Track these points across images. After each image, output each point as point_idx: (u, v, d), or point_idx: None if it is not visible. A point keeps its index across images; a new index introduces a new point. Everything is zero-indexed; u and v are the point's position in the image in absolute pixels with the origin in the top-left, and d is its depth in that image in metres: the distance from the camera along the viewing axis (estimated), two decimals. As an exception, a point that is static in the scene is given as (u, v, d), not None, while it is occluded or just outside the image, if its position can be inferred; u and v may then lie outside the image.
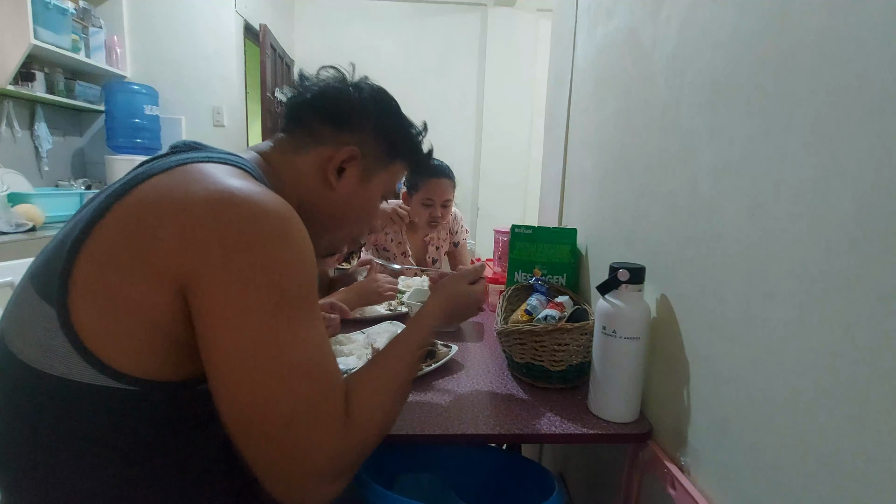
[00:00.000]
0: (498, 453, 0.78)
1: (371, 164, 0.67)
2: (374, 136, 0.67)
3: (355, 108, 0.66)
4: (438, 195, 1.63)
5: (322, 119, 0.65)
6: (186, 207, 0.45)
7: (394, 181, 0.73)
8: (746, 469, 0.48)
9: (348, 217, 0.69)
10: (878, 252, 0.34)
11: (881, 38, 0.34)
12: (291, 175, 0.64)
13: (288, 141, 0.66)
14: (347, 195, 0.67)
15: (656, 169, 0.69)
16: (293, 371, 0.45)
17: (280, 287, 0.45)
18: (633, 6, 0.79)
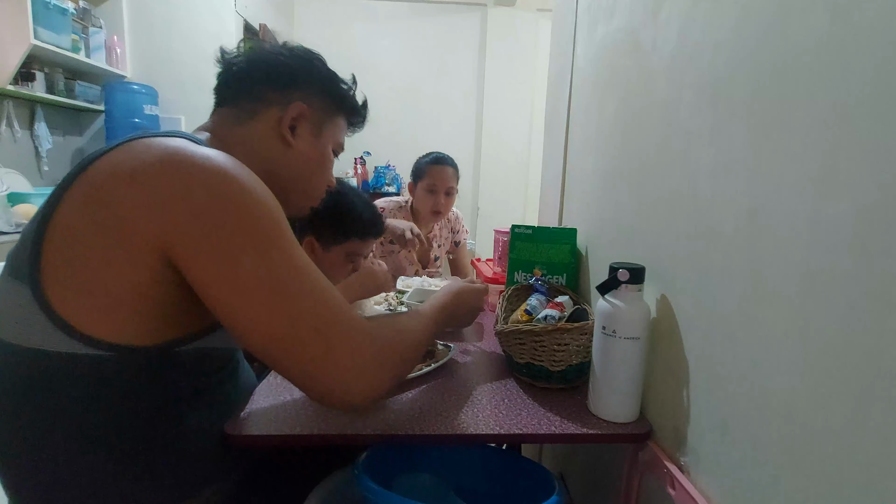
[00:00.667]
0: (498, 453, 0.78)
1: (319, 117, 0.71)
2: (315, 90, 0.70)
3: (291, 67, 0.69)
4: (441, 181, 1.68)
5: (262, 83, 0.67)
6: (142, 172, 0.48)
7: (340, 133, 0.77)
8: (746, 469, 0.48)
9: (310, 173, 0.73)
10: (878, 252, 0.34)
11: (881, 38, 0.34)
12: (243, 146, 0.65)
13: (229, 114, 0.67)
14: (304, 151, 0.70)
15: (656, 169, 0.69)
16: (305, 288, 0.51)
17: (255, 226, 0.49)
18: (633, 6, 0.79)
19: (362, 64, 3.89)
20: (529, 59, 3.82)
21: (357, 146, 3.93)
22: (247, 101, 0.67)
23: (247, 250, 0.48)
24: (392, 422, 0.65)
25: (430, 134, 3.90)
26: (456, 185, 1.75)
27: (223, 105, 0.68)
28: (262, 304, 0.49)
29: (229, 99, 0.68)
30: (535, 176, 2.03)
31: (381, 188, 3.84)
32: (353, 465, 0.61)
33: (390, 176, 3.89)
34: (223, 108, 0.68)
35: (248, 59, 0.69)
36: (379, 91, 3.90)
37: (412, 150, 2.31)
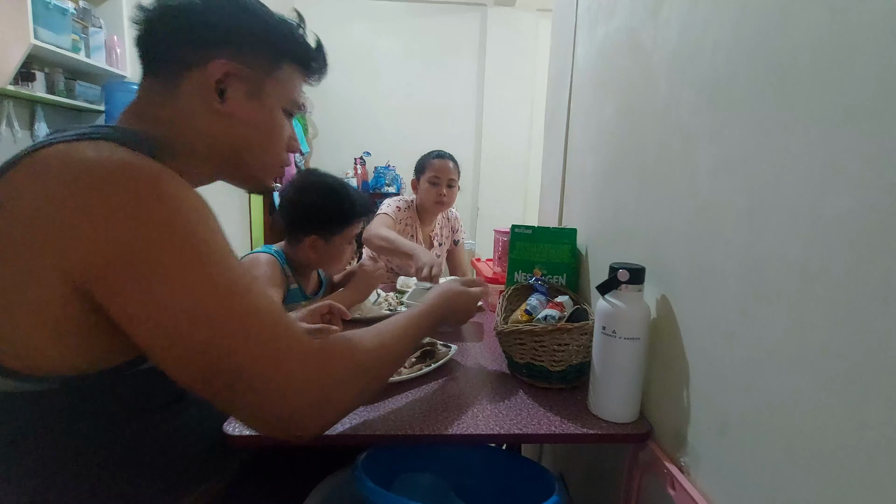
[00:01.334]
0: (497, 453, 0.78)
1: (253, 74, 0.59)
2: (242, 42, 0.58)
3: (209, 18, 0.57)
4: (443, 173, 1.77)
5: (178, 44, 0.56)
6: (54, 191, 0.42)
7: (290, 88, 0.64)
8: (746, 469, 0.48)
9: (256, 140, 0.62)
10: (878, 252, 0.34)
11: (881, 37, 0.34)
12: (169, 119, 0.57)
13: (153, 86, 0.58)
14: (241, 116, 0.59)
15: (656, 169, 0.69)
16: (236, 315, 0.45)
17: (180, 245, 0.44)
18: (633, 6, 0.79)
19: (362, 64, 3.90)
20: (529, 59, 3.82)
21: (357, 146, 3.93)
22: (167, 66, 0.57)
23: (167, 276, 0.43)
24: (392, 422, 0.65)
25: (430, 134, 3.90)
26: (457, 178, 1.82)
27: (147, 74, 0.58)
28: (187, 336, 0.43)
29: (150, 68, 0.58)
30: (535, 176, 2.04)
31: (381, 188, 3.84)
32: (352, 466, 0.61)
33: (390, 176, 3.89)
34: (146, 78, 0.58)
35: (158, 17, 0.57)
36: (379, 91, 3.91)
37: (412, 150, 2.31)
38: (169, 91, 0.57)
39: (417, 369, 0.80)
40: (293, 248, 1.19)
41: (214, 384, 0.45)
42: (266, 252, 1.15)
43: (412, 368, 0.81)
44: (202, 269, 0.44)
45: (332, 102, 3.84)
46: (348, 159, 3.89)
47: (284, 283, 1.14)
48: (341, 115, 3.90)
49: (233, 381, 0.45)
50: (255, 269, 1.09)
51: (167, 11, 0.57)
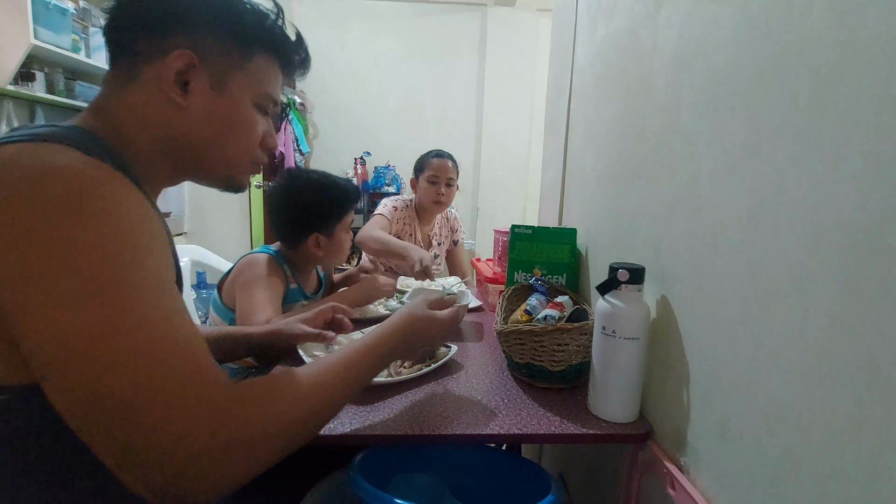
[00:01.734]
0: (494, 453, 0.78)
1: (219, 65, 0.56)
2: (207, 30, 0.55)
3: (170, 4, 0.54)
4: (442, 172, 1.77)
5: (139, 32, 0.53)
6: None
7: (262, 80, 0.60)
8: (746, 469, 0.48)
9: (216, 135, 0.58)
10: (878, 252, 0.34)
11: (881, 37, 0.34)
12: (129, 115, 0.54)
13: (114, 76, 0.55)
14: (203, 111, 0.56)
15: (656, 169, 0.69)
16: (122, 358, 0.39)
17: (83, 270, 0.39)
18: (633, 6, 0.79)
19: (362, 64, 3.90)
20: (529, 60, 3.82)
21: (357, 146, 3.93)
22: (124, 58, 0.54)
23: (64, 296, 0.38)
24: (391, 422, 0.65)
25: (430, 134, 3.90)
26: (456, 178, 1.82)
27: (111, 65, 0.56)
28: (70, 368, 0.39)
29: (113, 57, 0.56)
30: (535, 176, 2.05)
31: (380, 188, 3.84)
32: (348, 467, 0.61)
33: (390, 176, 3.89)
34: (110, 70, 0.56)
35: (122, 3, 0.54)
36: (379, 91, 3.91)
37: (412, 150, 2.31)
38: (128, 83, 0.54)
39: (417, 369, 0.80)
40: (292, 249, 1.19)
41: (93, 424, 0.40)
42: (264, 252, 1.15)
43: (412, 368, 0.80)
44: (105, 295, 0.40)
45: (332, 102, 3.85)
46: (348, 159, 3.89)
47: (284, 283, 1.14)
48: (341, 115, 3.90)
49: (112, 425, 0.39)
50: (253, 269, 1.09)
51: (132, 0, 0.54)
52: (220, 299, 1.14)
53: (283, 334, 0.88)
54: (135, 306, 0.41)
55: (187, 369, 0.42)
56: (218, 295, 1.15)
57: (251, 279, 1.07)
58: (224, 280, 1.15)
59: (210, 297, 1.22)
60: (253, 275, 1.08)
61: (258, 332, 0.90)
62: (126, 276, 0.41)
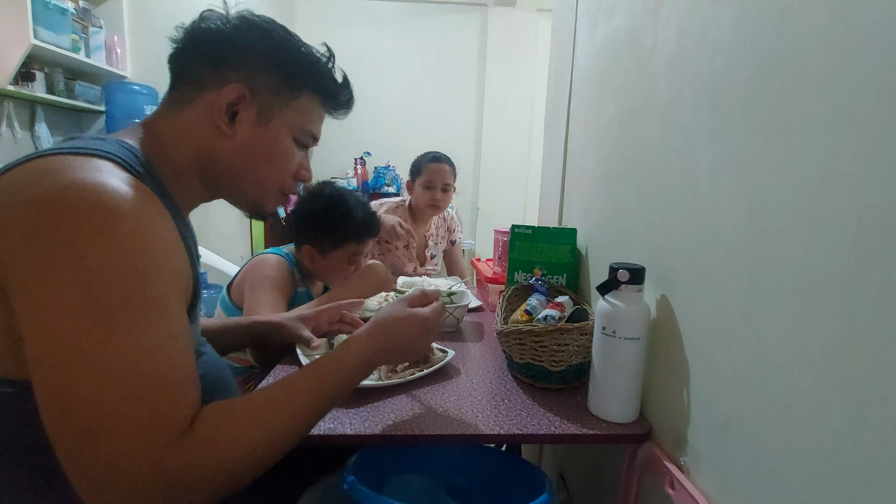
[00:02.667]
0: (490, 453, 0.78)
1: (267, 101, 0.60)
2: (261, 68, 0.59)
3: (232, 42, 0.59)
4: (438, 178, 1.74)
5: (199, 63, 0.58)
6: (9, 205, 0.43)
7: (304, 118, 0.64)
8: (746, 469, 0.48)
9: (253, 164, 0.61)
10: (878, 252, 0.34)
11: (881, 38, 0.34)
12: (176, 135, 0.58)
13: (172, 99, 0.60)
14: (246, 141, 0.60)
15: (656, 169, 0.69)
16: (98, 377, 0.41)
17: (89, 288, 0.41)
18: (633, 6, 0.79)
19: (363, 64, 3.90)
20: (529, 59, 3.82)
21: (357, 146, 3.93)
22: (183, 84, 0.59)
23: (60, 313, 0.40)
24: (391, 422, 0.65)
25: (430, 134, 3.90)
26: (453, 183, 1.79)
27: (170, 88, 0.61)
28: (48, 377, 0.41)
29: (173, 83, 0.60)
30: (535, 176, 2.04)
31: (380, 188, 3.84)
32: (342, 468, 0.61)
33: (390, 176, 3.89)
34: (168, 93, 0.61)
35: (188, 36, 0.59)
36: (379, 91, 3.91)
37: (412, 150, 2.31)
38: (182, 108, 0.59)
39: (410, 374, 0.78)
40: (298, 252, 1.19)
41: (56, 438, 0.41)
42: (276, 254, 1.16)
43: (402, 373, 0.78)
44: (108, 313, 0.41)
45: (332, 102, 3.84)
46: (348, 159, 3.89)
47: (292, 285, 1.15)
48: (341, 115, 3.90)
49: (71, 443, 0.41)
50: (261, 270, 1.09)
51: (198, 33, 0.59)
52: (229, 298, 1.15)
53: (284, 329, 0.89)
54: (126, 331, 0.42)
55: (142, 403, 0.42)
56: (227, 294, 1.17)
57: (259, 279, 1.08)
58: (234, 279, 1.16)
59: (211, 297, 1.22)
60: (261, 275, 1.08)
61: (263, 321, 0.91)
62: (127, 300, 0.42)
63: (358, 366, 0.58)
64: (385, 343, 0.61)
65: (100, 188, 0.43)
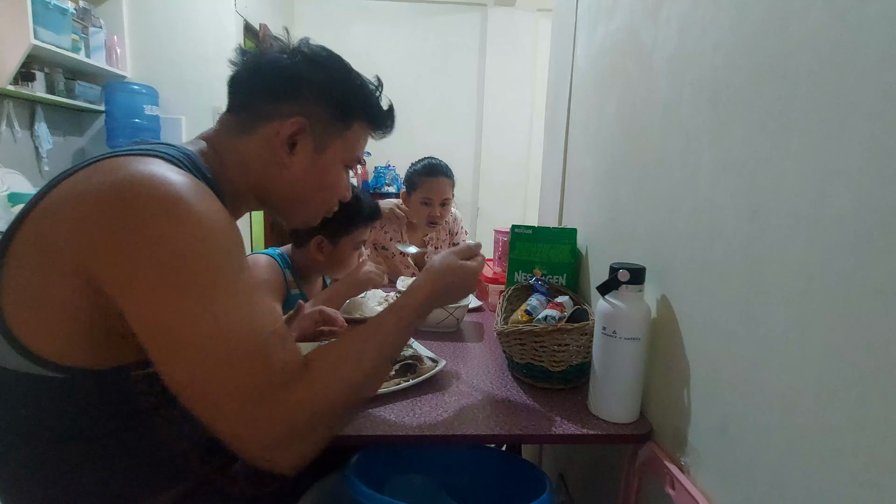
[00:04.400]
0: (491, 453, 0.78)
1: (323, 131, 0.64)
2: (319, 101, 0.63)
3: (293, 75, 0.62)
4: (437, 194, 1.63)
5: (261, 94, 0.62)
6: (82, 200, 0.46)
7: (355, 145, 0.68)
8: (746, 469, 0.48)
9: (308, 192, 0.66)
10: (878, 251, 0.34)
11: (881, 38, 0.34)
12: (238, 160, 0.62)
13: (232, 122, 0.63)
14: (301, 170, 0.63)
15: (656, 169, 0.69)
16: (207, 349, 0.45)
17: (173, 265, 0.45)
18: (633, 6, 0.79)
19: (362, 64, 3.87)
20: (529, 59, 3.82)
21: (357, 146, 3.92)
22: (246, 112, 0.63)
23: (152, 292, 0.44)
24: (391, 423, 0.65)
25: (430, 134, 3.90)
26: (452, 194, 1.68)
27: (230, 111, 0.65)
28: (168, 352, 0.46)
29: (233, 107, 0.64)
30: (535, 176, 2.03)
31: (380, 188, 3.84)
32: (344, 469, 0.61)
33: (390, 176, 3.89)
34: (229, 114, 0.64)
35: (249, 65, 0.64)
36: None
37: (412, 150, 2.31)
38: (244, 133, 0.62)
39: (395, 384, 0.75)
40: (300, 251, 1.18)
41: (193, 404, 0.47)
42: (268, 255, 1.15)
43: (388, 383, 0.75)
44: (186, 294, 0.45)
45: (332, 102, 3.84)
46: (348, 159, 3.89)
47: (283, 288, 1.13)
48: (341, 115, 3.89)
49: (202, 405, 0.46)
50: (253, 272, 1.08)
51: (261, 63, 0.63)
52: None
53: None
54: (217, 300, 0.46)
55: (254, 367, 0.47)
56: None
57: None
58: None
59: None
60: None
61: None
62: (212, 277, 0.46)
63: (423, 305, 0.64)
64: (442, 287, 0.66)
65: (158, 178, 0.47)
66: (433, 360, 0.83)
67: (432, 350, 0.89)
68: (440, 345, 0.97)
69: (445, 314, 1.05)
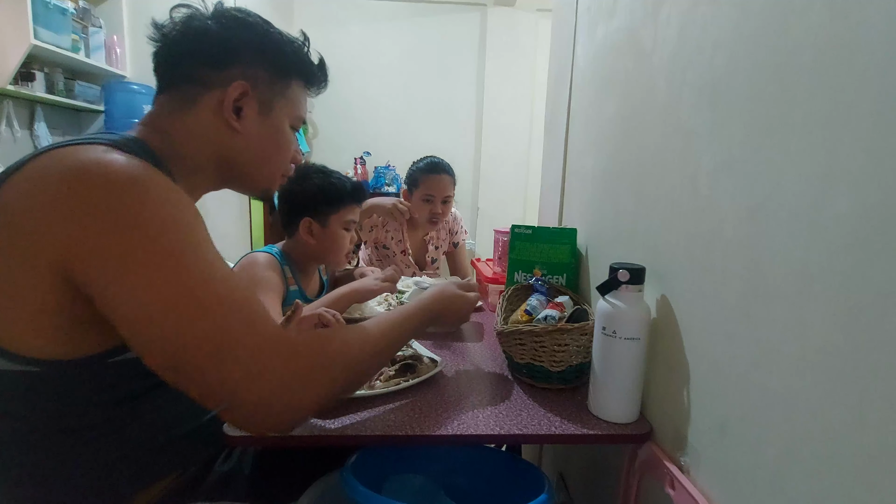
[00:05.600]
0: (490, 453, 0.78)
1: (265, 93, 0.64)
2: (255, 62, 0.63)
3: (225, 40, 0.61)
4: (439, 191, 1.65)
5: (196, 64, 0.61)
6: (44, 189, 0.46)
7: (296, 104, 0.69)
8: (746, 469, 0.48)
9: (264, 154, 0.67)
10: (878, 252, 0.34)
11: (881, 38, 0.34)
12: (189, 135, 0.61)
13: (171, 100, 0.62)
14: (254, 133, 0.64)
15: (656, 169, 0.69)
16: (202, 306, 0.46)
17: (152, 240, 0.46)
18: (633, 6, 0.79)
19: (362, 64, 3.90)
20: (529, 59, 3.82)
21: (357, 146, 3.93)
22: (185, 84, 0.61)
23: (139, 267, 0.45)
24: (391, 422, 0.65)
25: (430, 134, 3.90)
26: (453, 192, 1.71)
27: (164, 90, 0.63)
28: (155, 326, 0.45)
29: (168, 83, 0.63)
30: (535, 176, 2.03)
31: (380, 188, 3.84)
32: (342, 468, 0.61)
33: (390, 176, 3.89)
34: (163, 93, 0.63)
35: (178, 34, 0.62)
36: (379, 91, 3.90)
37: (412, 150, 2.31)
38: (187, 107, 0.61)
39: (395, 384, 0.75)
40: (293, 242, 1.19)
41: (182, 372, 0.47)
42: (266, 252, 1.15)
43: (388, 382, 0.75)
44: (172, 262, 0.46)
45: (332, 102, 3.84)
46: (348, 159, 3.89)
47: (283, 284, 1.14)
48: (341, 115, 3.89)
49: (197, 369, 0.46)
50: (252, 270, 1.09)
51: (186, 33, 0.61)
52: None
53: None
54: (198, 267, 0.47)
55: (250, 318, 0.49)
56: None
57: (249, 280, 1.07)
58: None
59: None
60: (251, 275, 1.07)
61: None
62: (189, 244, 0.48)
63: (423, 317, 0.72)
64: (440, 308, 0.76)
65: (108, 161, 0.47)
66: (433, 360, 0.83)
67: (432, 350, 0.89)
68: (440, 345, 0.97)
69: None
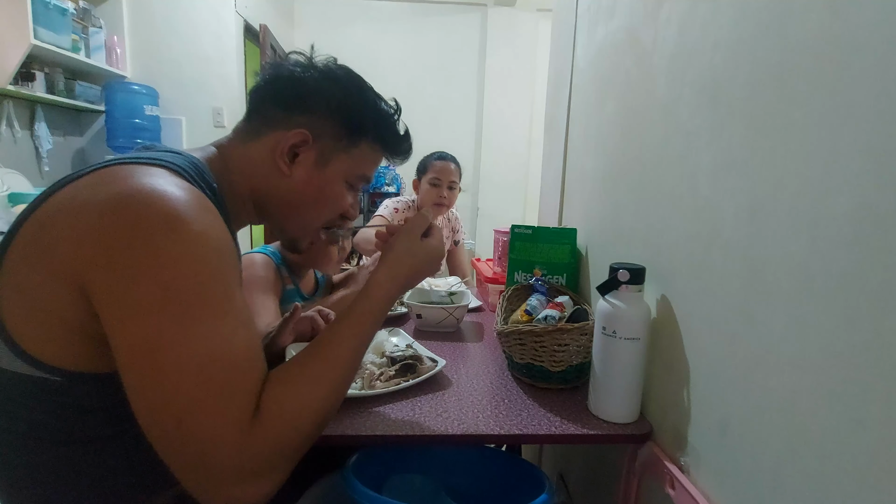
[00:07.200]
0: (490, 453, 0.78)
1: (328, 146, 0.64)
2: (327, 115, 0.63)
3: (303, 86, 0.63)
4: (445, 175, 1.78)
5: (273, 103, 0.63)
6: (82, 210, 0.46)
7: (361, 164, 0.67)
8: (746, 469, 0.48)
9: (305, 204, 0.66)
10: (878, 252, 0.34)
11: (881, 38, 0.34)
12: (242, 164, 0.63)
13: (244, 129, 0.65)
14: (301, 180, 0.64)
15: (656, 169, 0.69)
16: (181, 369, 0.44)
17: (165, 283, 0.44)
18: (633, 6, 0.79)
19: (362, 64, 3.88)
20: (529, 59, 3.82)
21: (357, 146, 3.92)
22: (257, 118, 0.64)
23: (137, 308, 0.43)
24: (391, 423, 0.65)
25: (430, 134, 3.88)
26: (458, 181, 1.83)
27: (245, 119, 0.66)
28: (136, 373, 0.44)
29: (248, 113, 0.66)
30: (535, 176, 2.04)
31: (380, 188, 3.83)
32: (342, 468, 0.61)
33: (390, 176, 3.89)
34: (243, 122, 0.66)
35: (273, 74, 0.65)
36: (379, 91, 3.90)
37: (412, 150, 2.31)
38: (252, 138, 0.63)
39: (395, 384, 0.74)
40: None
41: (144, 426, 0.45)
42: (262, 252, 1.15)
43: (388, 382, 0.75)
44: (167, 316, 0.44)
45: (332, 102, 3.84)
46: (348, 159, 3.89)
47: (280, 284, 1.14)
48: (341, 115, 3.89)
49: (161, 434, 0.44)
50: (248, 271, 1.09)
51: (277, 74, 0.64)
52: None
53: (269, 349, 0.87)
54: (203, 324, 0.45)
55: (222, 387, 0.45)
56: None
57: (247, 282, 1.07)
58: None
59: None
60: (248, 276, 1.07)
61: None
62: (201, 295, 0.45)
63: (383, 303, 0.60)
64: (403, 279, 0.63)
65: (160, 193, 0.46)
66: (433, 360, 0.83)
67: (432, 350, 0.89)
68: (440, 345, 0.97)
69: (445, 314, 1.05)
